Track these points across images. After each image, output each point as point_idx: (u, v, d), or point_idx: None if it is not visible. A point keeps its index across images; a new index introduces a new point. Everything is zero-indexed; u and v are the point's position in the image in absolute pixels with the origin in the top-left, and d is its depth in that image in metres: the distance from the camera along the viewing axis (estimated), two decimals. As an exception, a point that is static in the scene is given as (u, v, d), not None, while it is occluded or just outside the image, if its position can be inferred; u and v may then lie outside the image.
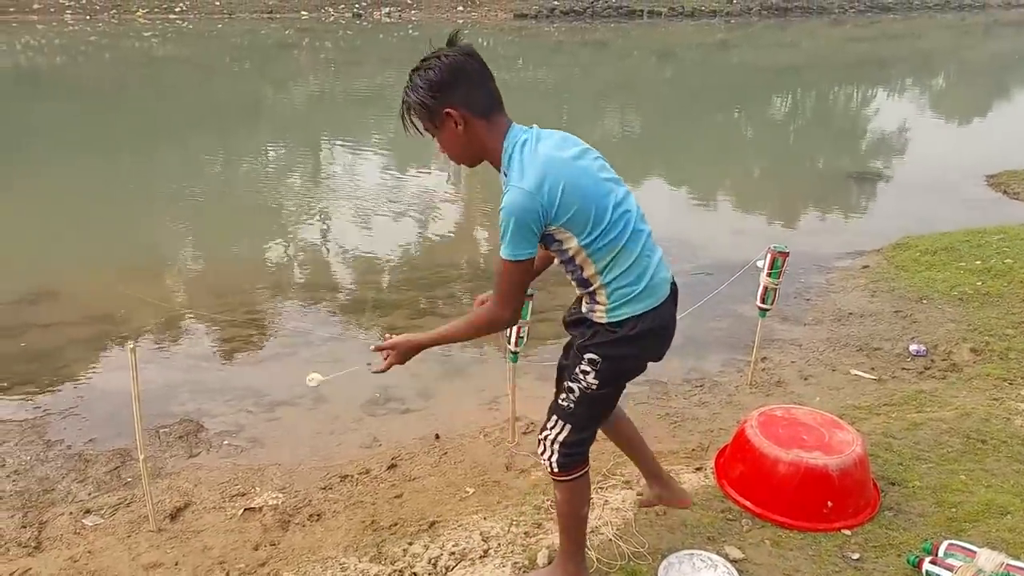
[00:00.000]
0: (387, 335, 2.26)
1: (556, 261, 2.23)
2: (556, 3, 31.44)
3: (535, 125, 2.14)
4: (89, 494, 3.28)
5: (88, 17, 25.06)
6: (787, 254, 3.82)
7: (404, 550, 2.78)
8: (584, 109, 15.92)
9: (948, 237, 6.33)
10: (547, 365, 4.33)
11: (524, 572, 2.60)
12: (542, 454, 2.28)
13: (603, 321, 2.15)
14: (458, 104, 2.00)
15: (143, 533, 3.00)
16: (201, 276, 6.16)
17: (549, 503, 3.00)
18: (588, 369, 2.15)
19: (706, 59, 24.67)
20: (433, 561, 2.70)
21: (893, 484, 3.01)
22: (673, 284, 2.23)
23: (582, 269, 2.11)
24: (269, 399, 4.16)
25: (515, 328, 3.30)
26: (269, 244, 7.02)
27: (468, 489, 3.27)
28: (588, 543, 2.67)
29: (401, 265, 6.41)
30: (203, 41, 23.33)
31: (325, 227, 7.61)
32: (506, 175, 2.04)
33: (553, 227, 2.01)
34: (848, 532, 2.75)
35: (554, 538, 2.74)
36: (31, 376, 4.28)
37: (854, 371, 4.37)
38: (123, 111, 13.54)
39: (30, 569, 2.78)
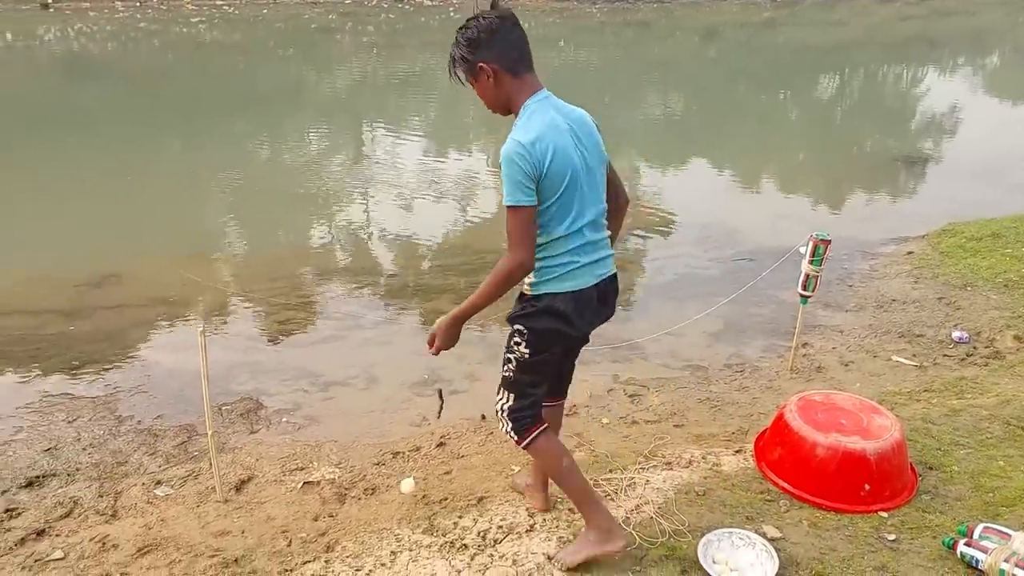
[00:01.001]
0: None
1: None
2: (598, -17, 31.17)
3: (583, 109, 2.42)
4: (159, 466, 3.50)
5: (138, 4, 25.61)
6: (829, 242, 3.87)
7: (455, 523, 2.92)
8: (626, 90, 15.85)
9: (995, 223, 6.27)
10: (589, 350, 4.45)
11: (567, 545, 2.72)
12: (501, 427, 2.56)
13: (527, 293, 2.41)
14: (490, 60, 2.27)
15: (211, 503, 3.19)
16: (255, 260, 6.36)
17: (592, 482, 3.12)
18: (518, 340, 2.41)
19: (751, 38, 24.32)
20: (482, 534, 2.84)
21: (931, 468, 3.07)
22: (609, 282, 2.46)
23: None
24: (323, 379, 4.34)
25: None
26: (317, 229, 7.22)
27: (514, 467, 3.39)
28: (629, 521, 2.80)
29: (445, 250, 6.55)
30: (249, 26, 23.70)
31: (370, 211, 7.80)
32: (515, 127, 2.28)
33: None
34: (885, 514, 2.82)
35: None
36: (101, 355, 4.53)
37: (895, 357, 4.40)
38: (172, 96, 13.87)
39: (108, 535, 2.99)
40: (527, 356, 2.41)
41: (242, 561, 2.81)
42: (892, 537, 2.70)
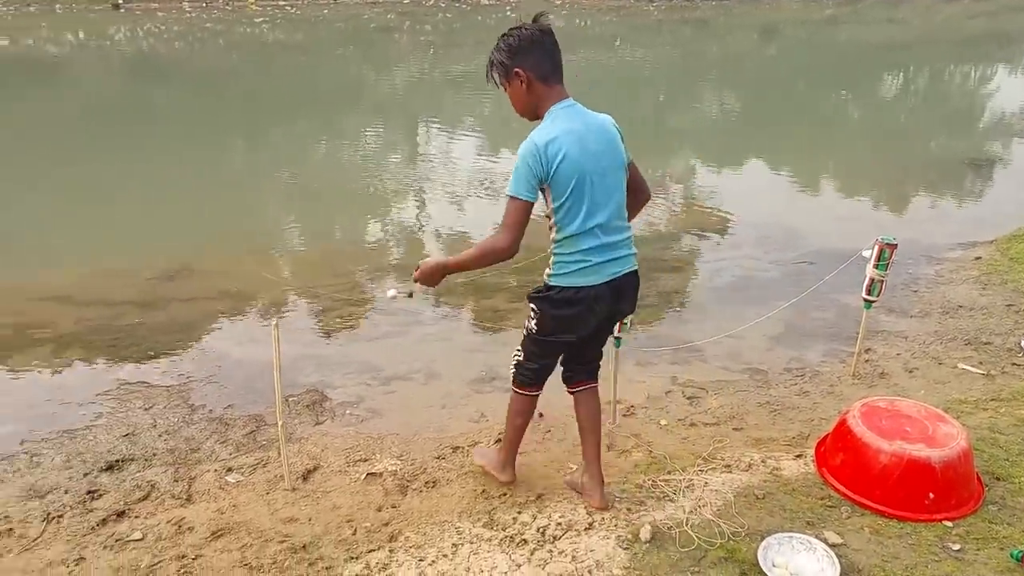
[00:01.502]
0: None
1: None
2: (655, -19, 30.93)
3: (611, 117, 2.66)
4: (230, 454, 3.63)
5: (204, 4, 26.36)
6: (895, 246, 3.81)
7: (514, 518, 2.98)
8: (682, 88, 15.73)
9: (1069, 229, 6.08)
10: (648, 351, 4.49)
11: (627, 546, 2.76)
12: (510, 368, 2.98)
13: (546, 280, 2.70)
14: (526, 67, 2.53)
15: (279, 491, 3.31)
16: (317, 256, 6.53)
17: (651, 483, 3.15)
18: (531, 315, 2.77)
19: (812, 36, 23.87)
20: (541, 530, 2.89)
21: (998, 479, 3.02)
22: (625, 278, 2.69)
23: (551, 231, 2.66)
24: (384, 373, 4.44)
25: (620, 314, 3.42)
26: (376, 226, 7.38)
27: (572, 466, 3.43)
28: (688, 522, 2.83)
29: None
30: (310, 26, 24.18)
31: (426, 209, 7.91)
32: (537, 128, 2.56)
33: (545, 184, 2.52)
34: (949, 524, 2.79)
35: (656, 514, 2.91)
36: (174, 346, 4.71)
37: (961, 365, 4.31)
38: (236, 95, 14.27)
39: (184, 518, 3.12)
40: (534, 332, 2.78)
41: (310, 547, 2.91)
42: (957, 547, 2.67)
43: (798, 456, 3.33)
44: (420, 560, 2.77)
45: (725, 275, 5.89)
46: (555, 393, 4.17)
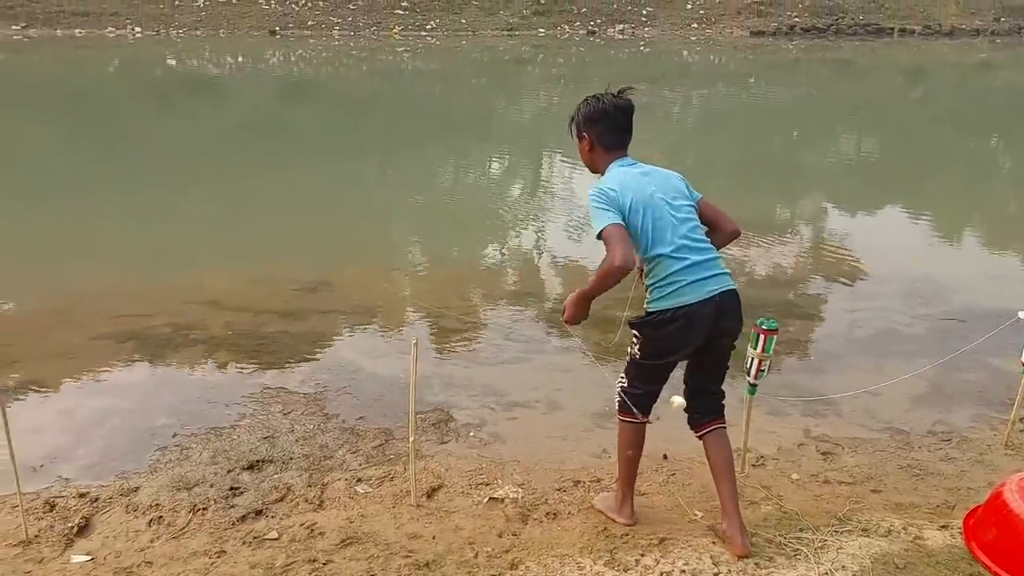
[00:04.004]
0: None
1: None
2: (796, 20, 30.25)
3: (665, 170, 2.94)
4: (360, 465, 3.76)
5: (352, 33, 27.85)
6: (1062, 311, 3.55)
7: (636, 560, 2.93)
8: (816, 128, 15.26)
9: None
10: (781, 400, 4.34)
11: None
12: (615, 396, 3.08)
13: (646, 307, 2.87)
14: (592, 135, 2.90)
15: (404, 506, 3.39)
16: (444, 277, 6.71)
17: (781, 538, 3.04)
18: (634, 341, 2.92)
19: (963, 81, 22.66)
20: (665, 575, 2.83)
21: None
22: (724, 297, 2.79)
23: (640, 274, 2.91)
24: (508, 399, 4.49)
25: (756, 361, 3.34)
26: (504, 254, 7.51)
27: (697, 512, 3.35)
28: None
29: (626, 284, 6.58)
30: (448, 56, 25.08)
31: (554, 241, 7.97)
32: (599, 180, 2.87)
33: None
34: (1120, 621, 2.54)
35: (787, 573, 2.80)
36: (312, 355, 4.95)
37: None
38: (374, 119, 14.93)
39: (316, 523, 3.25)
40: (637, 356, 2.93)
41: (432, 566, 2.96)
42: None
43: (943, 527, 3.12)
44: (541, 591, 2.77)
45: (863, 326, 5.62)
46: (680, 434, 4.09)
